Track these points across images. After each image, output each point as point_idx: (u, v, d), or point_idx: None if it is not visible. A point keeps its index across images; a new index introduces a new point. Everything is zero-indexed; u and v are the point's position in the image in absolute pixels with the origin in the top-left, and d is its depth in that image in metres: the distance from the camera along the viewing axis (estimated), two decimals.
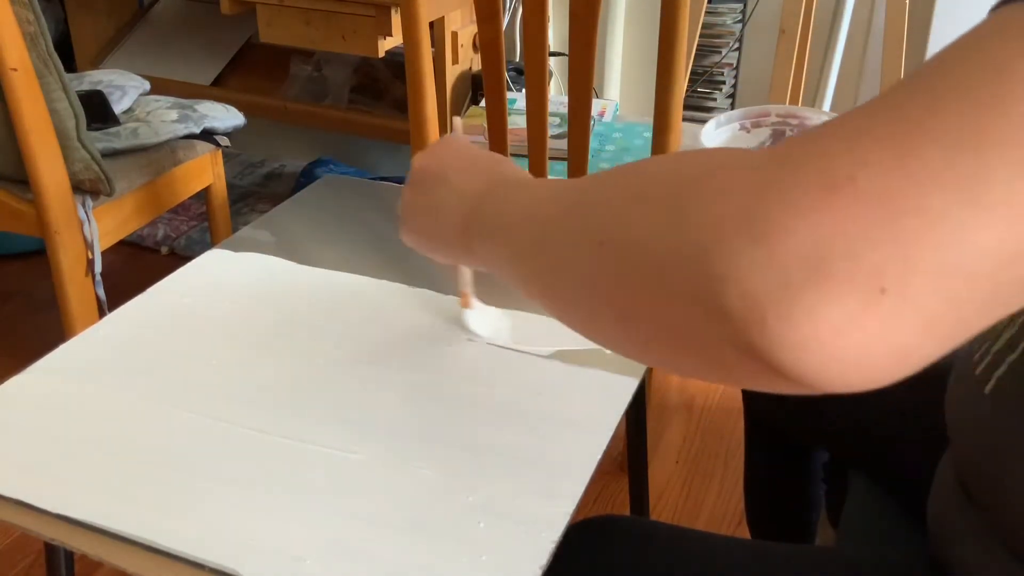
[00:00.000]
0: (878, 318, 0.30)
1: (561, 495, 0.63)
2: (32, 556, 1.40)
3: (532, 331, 0.81)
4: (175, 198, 1.70)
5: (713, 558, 0.68)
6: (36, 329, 1.95)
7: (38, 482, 0.64)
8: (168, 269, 0.90)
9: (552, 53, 1.97)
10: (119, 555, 0.61)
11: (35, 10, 1.35)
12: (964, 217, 0.29)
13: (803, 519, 1.07)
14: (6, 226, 1.53)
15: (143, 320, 0.83)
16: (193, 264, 0.92)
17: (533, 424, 0.70)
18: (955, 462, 0.64)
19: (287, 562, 0.58)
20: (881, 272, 0.30)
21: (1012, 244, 0.30)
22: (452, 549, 0.59)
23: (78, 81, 1.76)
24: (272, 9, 1.82)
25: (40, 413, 0.71)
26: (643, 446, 1.08)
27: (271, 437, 0.69)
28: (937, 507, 0.66)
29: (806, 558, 0.69)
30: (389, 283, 0.90)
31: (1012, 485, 0.56)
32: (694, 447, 1.65)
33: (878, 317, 0.30)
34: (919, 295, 0.30)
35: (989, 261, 0.30)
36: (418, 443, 0.68)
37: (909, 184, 0.30)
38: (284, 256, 0.94)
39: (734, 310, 0.32)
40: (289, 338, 0.81)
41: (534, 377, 0.76)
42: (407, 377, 0.76)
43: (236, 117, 1.80)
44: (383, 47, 1.78)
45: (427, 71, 1.28)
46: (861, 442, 0.90)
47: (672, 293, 0.35)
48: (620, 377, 0.76)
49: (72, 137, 1.44)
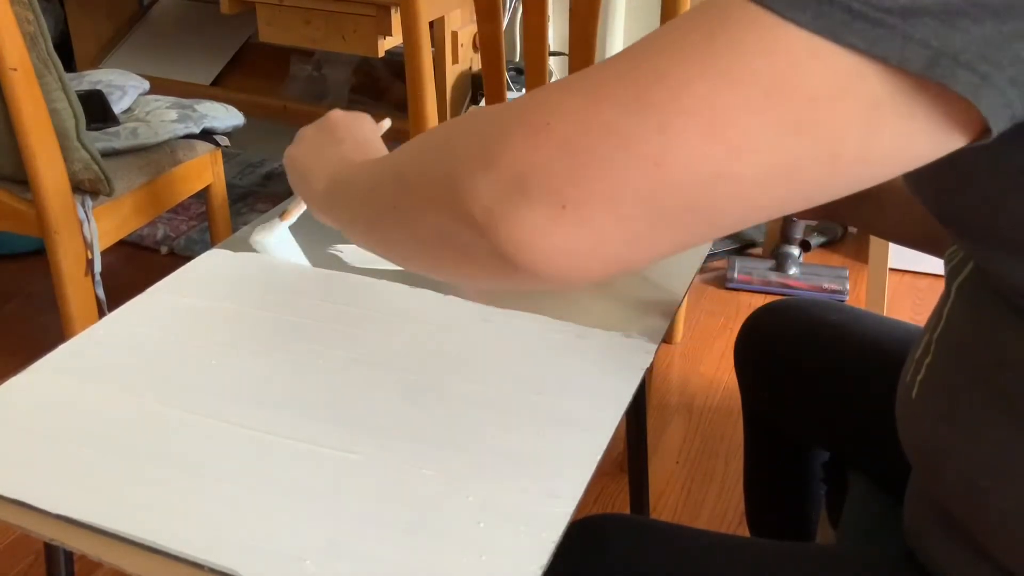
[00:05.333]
0: (561, 226, 0.41)
1: (561, 495, 0.63)
2: (32, 556, 1.40)
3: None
4: (175, 198, 1.70)
5: (713, 557, 0.68)
6: (36, 329, 1.95)
7: (38, 482, 0.64)
8: (168, 269, 0.90)
9: (552, 53, 1.97)
10: (119, 555, 0.61)
11: (35, 10, 1.35)
12: (623, 159, 0.40)
13: (803, 519, 1.07)
14: (6, 226, 1.53)
15: (143, 320, 0.83)
16: (193, 264, 0.92)
17: (533, 424, 0.70)
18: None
19: (287, 562, 0.58)
20: (561, 193, 0.40)
21: (653, 182, 0.40)
22: (452, 549, 0.59)
23: (78, 81, 1.76)
24: (272, 9, 1.82)
25: (40, 413, 0.71)
26: (643, 446, 1.08)
27: (271, 437, 0.69)
28: (910, 506, 0.68)
29: (805, 556, 0.69)
30: (389, 283, 0.90)
31: (946, 481, 0.59)
32: (694, 447, 1.65)
33: (561, 225, 0.41)
34: (590, 212, 0.41)
35: (640, 192, 0.40)
36: (418, 443, 0.68)
37: (586, 131, 0.40)
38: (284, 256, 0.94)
39: (477, 218, 0.43)
40: (289, 338, 0.81)
41: (534, 377, 0.76)
42: (407, 377, 0.76)
43: (236, 117, 1.80)
44: (383, 47, 1.78)
45: (427, 71, 1.28)
46: (861, 442, 0.90)
47: (440, 208, 0.46)
48: (620, 377, 0.76)
49: (72, 137, 1.44)
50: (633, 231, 0.41)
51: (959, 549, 0.60)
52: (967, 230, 0.53)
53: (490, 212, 0.42)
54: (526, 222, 0.41)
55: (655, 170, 0.39)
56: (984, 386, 0.56)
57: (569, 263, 0.42)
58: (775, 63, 0.38)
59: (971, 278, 0.58)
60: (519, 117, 0.42)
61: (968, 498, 0.58)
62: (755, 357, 0.99)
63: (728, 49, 0.38)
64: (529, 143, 0.41)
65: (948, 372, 0.60)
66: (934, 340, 0.62)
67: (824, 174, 0.40)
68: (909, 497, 0.68)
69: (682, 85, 0.39)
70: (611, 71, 0.42)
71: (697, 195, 0.40)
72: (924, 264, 2.12)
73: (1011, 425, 0.54)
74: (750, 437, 1.08)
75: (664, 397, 1.77)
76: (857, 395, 0.89)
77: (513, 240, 0.42)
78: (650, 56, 0.41)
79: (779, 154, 0.39)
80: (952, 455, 0.58)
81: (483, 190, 0.42)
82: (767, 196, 0.41)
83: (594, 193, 0.40)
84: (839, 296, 2.06)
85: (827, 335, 0.93)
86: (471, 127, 0.46)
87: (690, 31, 0.40)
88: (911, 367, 0.64)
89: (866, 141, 0.39)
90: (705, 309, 2.05)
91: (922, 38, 0.36)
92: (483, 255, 0.44)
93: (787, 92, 0.38)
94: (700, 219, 0.41)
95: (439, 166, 0.47)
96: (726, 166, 0.39)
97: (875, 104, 0.38)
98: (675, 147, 0.39)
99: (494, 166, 0.42)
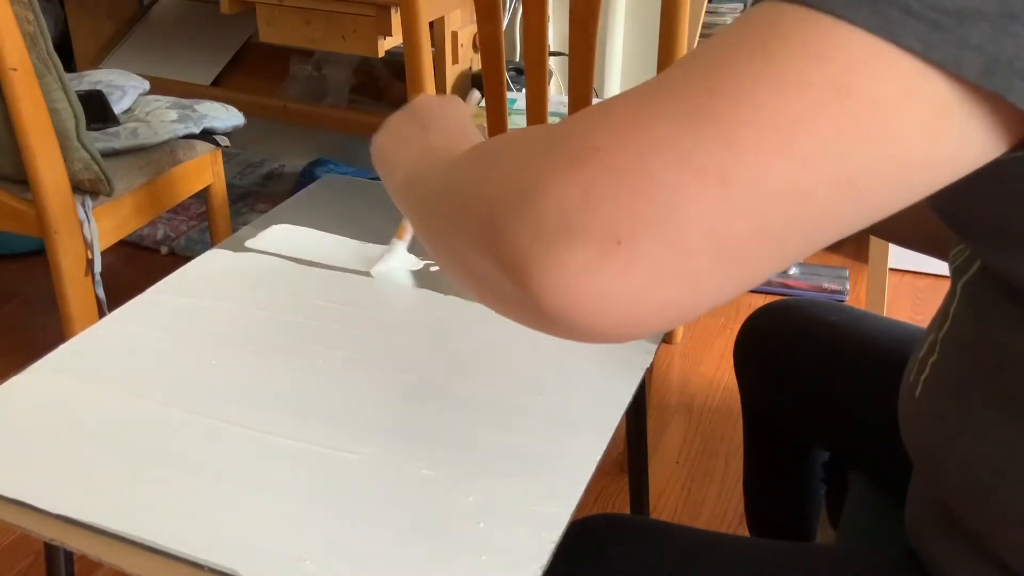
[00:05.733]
0: (614, 265, 0.36)
1: (561, 495, 0.63)
2: (32, 556, 1.40)
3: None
4: (175, 198, 1.70)
5: (713, 557, 0.68)
6: (36, 329, 1.95)
7: (38, 482, 0.64)
8: (168, 269, 0.90)
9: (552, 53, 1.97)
10: (119, 555, 0.61)
11: (35, 10, 1.35)
12: (684, 180, 0.36)
13: (802, 519, 1.07)
14: (6, 226, 1.53)
15: (143, 320, 0.83)
16: (193, 264, 0.92)
17: (533, 424, 0.70)
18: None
19: (287, 562, 0.58)
20: (614, 227, 0.36)
21: (719, 204, 0.36)
22: (452, 549, 0.59)
23: (78, 81, 1.76)
24: (272, 9, 1.82)
25: (40, 413, 0.71)
26: (643, 446, 1.08)
27: (271, 437, 0.69)
28: (911, 506, 0.68)
29: (805, 556, 0.69)
30: (389, 283, 0.90)
31: (947, 480, 0.59)
32: (694, 447, 1.65)
33: (614, 264, 0.36)
34: (647, 246, 0.36)
35: (704, 217, 0.36)
36: (418, 443, 0.68)
37: (638, 154, 0.36)
38: (284, 256, 0.94)
39: (508, 259, 0.38)
40: (289, 338, 0.81)
41: (534, 377, 0.76)
42: (407, 377, 0.76)
43: (236, 117, 1.80)
44: (383, 47, 1.78)
45: (427, 71, 1.28)
46: (861, 442, 0.90)
47: (476, 243, 0.41)
48: (620, 377, 0.76)
49: (72, 137, 1.44)
50: (694, 268, 0.37)
51: (961, 548, 0.60)
52: (973, 229, 0.53)
53: (525, 254, 0.38)
54: (569, 264, 0.37)
55: (720, 190, 0.36)
56: (989, 385, 0.56)
57: (618, 309, 0.37)
58: (835, 66, 0.36)
59: (977, 277, 0.58)
60: (560, 144, 0.39)
61: (971, 497, 0.58)
62: (755, 357, 0.99)
63: (784, 55, 0.36)
64: (573, 175, 0.37)
65: (953, 371, 0.60)
66: (939, 339, 0.62)
67: (892, 183, 0.38)
68: (910, 497, 0.68)
69: (742, 95, 0.36)
70: (660, 87, 0.38)
71: (767, 218, 0.36)
72: (924, 264, 2.12)
73: (1015, 424, 0.54)
74: (750, 437, 1.08)
75: (664, 397, 1.77)
76: (857, 395, 0.89)
77: (551, 285, 0.37)
78: (701, 70, 0.38)
79: (849, 164, 0.36)
80: (955, 454, 0.58)
81: (520, 231, 0.38)
82: (837, 212, 0.38)
83: (653, 223, 0.36)
84: (839, 296, 2.06)
85: (827, 335, 0.93)
86: (515, 153, 0.42)
87: (741, 41, 0.37)
88: (915, 366, 0.64)
89: (930, 148, 0.37)
90: None
91: (976, 43, 0.35)
92: (517, 299, 0.40)
93: (851, 96, 0.36)
94: (768, 248, 0.37)
95: (476, 199, 0.42)
96: (797, 180, 0.36)
97: (939, 108, 0.36)
98: (741, 162, 0.36)
99: (530, 203, 0.38)
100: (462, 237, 0.43)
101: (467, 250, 0.43)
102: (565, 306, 0.37)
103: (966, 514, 0.58)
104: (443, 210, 0.47)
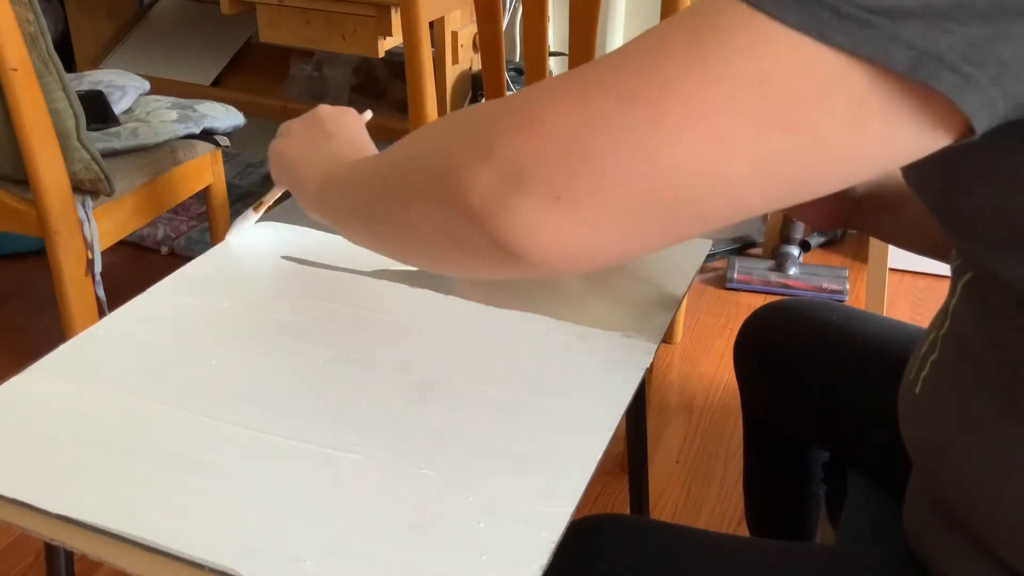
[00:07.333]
0: (554, 217, 0.42)
1: (561, 495, 0.63)
2: (32, 556, 1.40)
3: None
4: (175, 198, 1.70)
5: (713, 556, 0.68)
6: (36, 329, 1.95)
7: (38, 482, 0.64)
8: (168, 269, 0.90)
9: (552, 53, 1.97)
10: (119, 555, 0.61)
11: (35, 10, 1.35)
12: (615, 152, 0.40)
13: (802, 519, 1.07)
14: (6, 226, 1.53)
15: (143, 320, 0.83)
16: (193, 264, 0.92)
17: (533, 424, 0.70)
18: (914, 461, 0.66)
19: (287, 562, 0.58)
20: (554, 184, 0.41)
21: (644, 175, 0.41)
22: (452, 549, 0.59)
23: (78, 81, 1.76)
24: (272, 9, 1.82)
25: (40, 413, 0.71)
26: (643, 446, 1.08)
27: (271, 437, 0.69)
28: (909, 506, 0.68)
29: (805, 556, 0.69)
30: (389, 283, 0.90)
31: (947, 478, 0.59)
32: (694, 447, 1.65)
33: (554, 216, 0.42)
34: (582, 204, 0.41)
35: (631, 184, 0.41)
36: (418, 443, 0.68)
37: (580, 124, 0.41)
38: (285, 256, 0.94)
39: (474, 209, 0.44)
40: (289, 338, 0.81)
41: (534, 377, 0.76)
42: (407, 377, 0.76)
43: (236, 117, 1.80)
44: (383, 47, 1.78)
45: (427, 71, 1.28)
46: (861, 442, 0.90)
47: (438, 201, 0.47)
48: (620, 377, 0.76)
49: (72, 137, 1.44)
50: (623, 223, 0.42)
51: (959, 547, 0.60)
52: (967, 230, 0.53)
53: (486, 202, 0.43)
54: (521, 212, 0.42)
55: (646, 163, 0.40)
56: (988, 384, 0.56)
57: (561, 253, 0.43)
58: (763, 62, 0.38)
59: (977, 276, 0.58)
60: (515, 111, 0.43)
61: (970, 495, 0.58)
62: (755, 357, 0.99)
63: (717, 48, 0.39)
64: (524, 135, 0.42)
65: (953, 369, 0.60)
66: (940, 338, 0.62)
67: (811, 171, 0.41)
68: (909, 496, 0.68)
69: (673, 82, 0.40)
70: (605, 67, 0.42)
71: (688, 190, 0.41)
72: (924, 264, 2.12)
73: (1014, 423, 0.54)
74: (750, 437, 1.08)
75: (664, 397, 1.77)
76: (857, 395, 0.89)
77: (509, 229, 0.43)
78: (643, 54, 0.42)
79: (767, 151, 0.40)
80: (954, 452, 0.58)
81: (479, 181, 0.43)
82: (755, 192, 0.41)
83: (586, 185, 0.41)
84: (839, 296, 2.06)
85: (827, 335, 0.93)
86: (468, 120, 0.47)
87: (682, 30, 0.41)
88: (915, 364, 0.65)
89: (852, 139, 0.40)
90: (705, 309, 2.05)
91: (907, 39, 0.37)
92: (480, 246, 0.45)
93: (775, 91, 0.38)
94: (690, 214, 0.42)
95: (436, 159, 0.48)
96: (716, 162, 0.40)
97: (860, 102, 0.39)
98: (666, 143, 0.40)
99: (490, 157, 0.43)
100: (421, 200, 0.49)
101: (427, 210, 0.48)
102: (522, 246, 0.43)
103: (965, 512, 0.59)
104: (397, 184, 0.53)
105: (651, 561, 0.67)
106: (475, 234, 0.45)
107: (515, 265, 0.45)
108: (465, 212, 0.45)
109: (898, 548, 0.67)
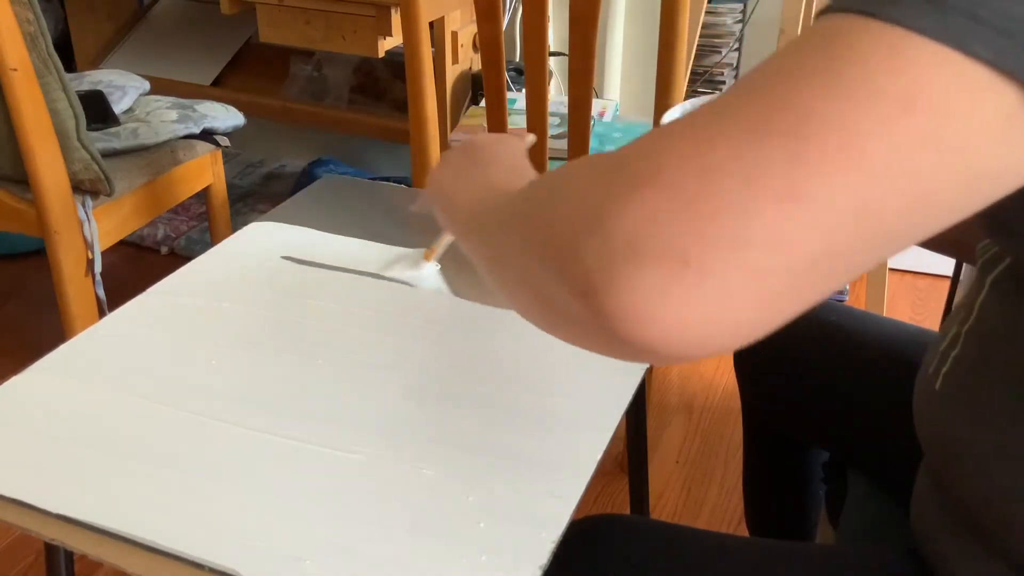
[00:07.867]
0: (684, 287, 0.35)
1: (561, 495, 0.63)
2: (32, 556, 1.40)
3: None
4: (175, 198, 1.70)
5: (713, 557, 0.68)
6: (36, 329, 1.95)
7: (38, 482, 0.64)
8: (168, 269, 0.90)
9: (552, 53, 1.97)
10: (119, 555, 0.61)
11: (35, 10, 1.35)
12: (751, 199, 0.35)
13: (802, 519, 1.07)
14: (6, 226, 1.53)
15: (143, 320, 0.83)
16: (193, 264, 0.92)
17: (533, 424, 0.70)
18: (925, 459, 0.66)
19: (287, 562, 0.58)
20: (682, 248, 0.35)
21: (788, 222, 0.35)
22: (452, 549, 0.59)
23: (78, 81, 1.76)
24: (272, 9, 1.82)
25: (40, 413, 0.71)
26: (643, 446, 1.08)
27: (271, 437, 0.69)
28: (917, 506, 0.67)
29: (806, 556, 0.69)
30: (390, 283, 0.90)
31: (965, 476, 0.59)
32: (694, 447, 1.65)
33: (683, 286, 0.35)
34: (716, 266, 0.35)
35: (774, 235, 0.35)
36: (418, 443, 0.68)
37: (701, 173, 0.35)
38: (285, 256, 0.94)
39: (579, 287, 0.38)
40: (289, 338, 0.81)
41: (534, 377, 0.76)
42: (407, 377, 0.76)
43: (236, 117, 1.80)
44: (383, 47, 1.78)
45: (427, 71, 1.28)
46: (861, 442, 0.90)
47: (546, 268, 0.41)
48: (620, 377, 0.76)
49: (72, 137, 1.44)
50: (767, 287, 0.36)
51: (973, 547, 0.60)
52: (1005, 225, 0.52)
53: (595, 278, 0.37)
54: (639, 287, 0.36)
55: (789, 207, 0.35)
56: (1015, 380, 0.56)
57: (690, 332, 0.36)
58: (903, 78, 0.35)
59: (1008, 272, 0.58)
60: (623, 167, 0.38)
61: (988, 494, 0.57)
62: (754, 357, 0.99)
63: (851, 67, 0.35)
64: (638, 197, 0.36)
65: (977, 365, 0.59)
66: (963, 333, 0.61)
67: (963, 194, 0.37)
68: (917, 496, 0.68)
69: (808, 109, 0.35)
70: (723, 106, 0.38)
71: (838, 233, 0.35)
72: (924, 264, 2.12)
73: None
74: (749, 437, 1.08)
75: (664, 397, 1.77)
76: (857, 395, 0.89)
77: (621, 309, 0.37)
78: (766, 86, 0.37)
79: (919, 175, 0.35)
80: (974, 447, 0.58)
81: (588, 255, 0.37)
82: (907, 225, 0.37)
83: (721, 243, 0.35)
84: (839, 296, 2.06)
85: (827, 335, 0.93)
86: (579, 178, 0.41)
87: (804, 56, 0.36)
88: (935, 359, 0.64)
89: (1003, 156, 0.36)
90: None
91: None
92: (591, 326, 0.39)
93: (920, 107, 0.35)
94: (839, 265, 0.37)
95: (543, 224, 0.42)
96: (868, 194, 0.35)
97: (1010, 116, 0.35)
98: (810, 177, 0.35)
99: (599, 227, 0.37)
100: (532, 263, 0.43)
101: (537, 275, 0.42)
102: (636, 329, 0.37)
103: (982, 511, 0.58)
104: (512, 237, 0.46)
105: (651, 561, 0.67)
106: (583, 315, 0.39)
107: (628, 350, 0.39)
108: (571, 289, 0.39)
109: (898, 548, 0.67)
